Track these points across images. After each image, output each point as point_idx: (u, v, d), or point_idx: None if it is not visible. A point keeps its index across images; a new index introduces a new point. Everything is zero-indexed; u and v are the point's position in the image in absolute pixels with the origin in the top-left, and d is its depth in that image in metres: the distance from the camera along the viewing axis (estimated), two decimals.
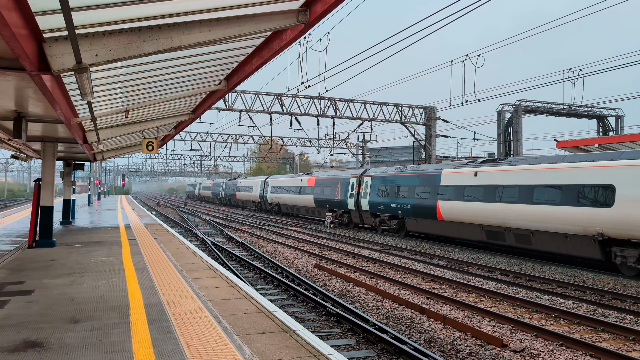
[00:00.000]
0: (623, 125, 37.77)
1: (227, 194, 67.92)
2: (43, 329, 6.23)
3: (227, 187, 68.25)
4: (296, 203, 42.06)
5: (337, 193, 34.05)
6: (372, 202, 29.57)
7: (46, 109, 9.35)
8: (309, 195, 38.75)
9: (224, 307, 7.47)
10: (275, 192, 46.86)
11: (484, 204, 20.81)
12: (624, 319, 11.02)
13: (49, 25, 5.50)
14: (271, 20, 6.64)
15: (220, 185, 73.25)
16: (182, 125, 18.49)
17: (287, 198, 43.99)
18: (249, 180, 58.56)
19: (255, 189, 53.83)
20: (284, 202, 45.29)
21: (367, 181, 30.42)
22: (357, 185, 31.57)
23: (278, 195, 46.24)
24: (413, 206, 25.29)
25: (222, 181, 73.72)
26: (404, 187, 26.49)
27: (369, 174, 30.89)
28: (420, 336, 9.53)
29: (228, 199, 68.83)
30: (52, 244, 14.52)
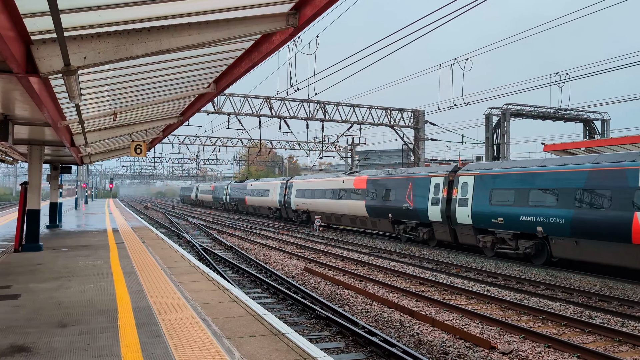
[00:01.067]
0: (609, 128, 38.17)
1: (234, 199, 59.18)
2: (30, 334, 6.17)
3: (234, 190, 59.32)
4: (336, 211, 32.93)
5: (407, 198, 25.35)
6: (479, 213, 20.66)
7: (33, 112, 9.27)
8: (357, 200, 30.04)
9: (213, 310, 7.44)
10: (304, 196, 37.92)
11: None
12: (611, 320, 11.13)
13: (37, 27, 5.46)
14: (261, 23, 6.64)
15: (225, 189, 64.23)
16: (170, 128, 18.43)
17: (322, 204, 34.75)
18: (263, 183, 49.26)
19: (273, 192, 45.01)
20: (316, 210, 35.87)
21: (467, 181, 21.54)
22: (444, 187, 22.92)
23: (307, 200, 37.14)
24: (574, 220, 16.78)
25: (226, 184, 64.46)
26: (554, 189, 17.78)
27: (468, 170, 21.98)
28: (409, 339, 9.56)
29: (234, 205, 60.11)
30: (39, 247, 14.39)
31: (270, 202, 46.04)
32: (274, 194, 44.71)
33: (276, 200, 44.03)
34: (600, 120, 38.28)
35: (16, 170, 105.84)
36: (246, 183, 55.08)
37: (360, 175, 31.12)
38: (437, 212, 23.11)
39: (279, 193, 43.45)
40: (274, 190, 44.88)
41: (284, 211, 42.56)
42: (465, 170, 22.16)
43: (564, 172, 17.65)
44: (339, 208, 32.58)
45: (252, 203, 51.86)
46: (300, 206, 38.87)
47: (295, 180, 41.16)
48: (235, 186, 59.66)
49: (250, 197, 51.93)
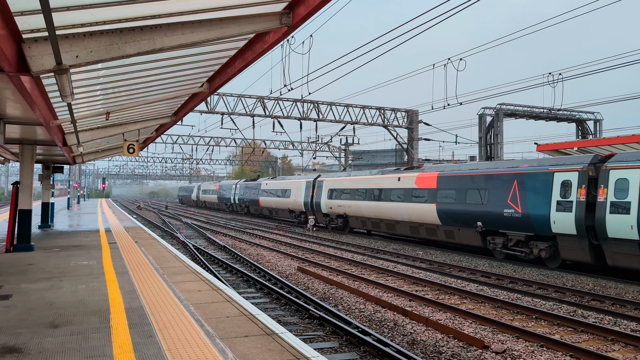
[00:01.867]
0: (601, 128, 38.39)
1: (244, 200, 52.54)
2: (21, 334, 6.12)
3: (244, 190, 52.68)
4: (388, 216, 26.57)
5: (510, 200, 19.07)
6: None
7: (25, 111, 9.21)
8: (422, 203, 23.55)
9: (206, 310, 7.41)
10: (340, 197, 31.77)
11: None
12: (603, 319, 11.18)
13: (29, 25, 5.42)
14: (254, 22, 6.62)
15: (233, 189, 57.53)
16: (163, 127, 18.36)
17: (367, 208, 28.49)
18: (282, 182, 42.62)
19: (296, 192, 38.40)
20: (358, 214, 29.81)
21: (629, 177, 15.43)
22: (580, 186, 16.73)
23: (345, 202, 31.06)
24: None
25: (234, 183, 58.16)
26: None
27: (628, 161, 15.76)
28: (403, 338, 9.56)
29: (245, 206, 53.45)
30: (31, 248, 14.29)
31: (291, 204, 39.34)
32: (296, 195, 38.16)
33: (300, 201, 37.48)
34: (593, 121, 38.49)
35: (8, 170, 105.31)
36: (260, 182, 48.30)
37: (425, 171, 24.73)
38: (566, 221, 16.77)
39: (303, 193, 37.00)
40: (297, 190, 38.18)
41: (311, 215, 35.60)
42: (620, 162, 15.82)
43: None
44: (392, 212, 25.95)
45: (268, 205, 45.41)
46: (334, 209, 32.52)
47: (326, 178, 34.67)
48: (245, 185, 53.01)
49: (266, 197, 45.50)
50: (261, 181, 48.28)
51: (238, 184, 55.95)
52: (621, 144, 22.43)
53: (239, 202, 54.90)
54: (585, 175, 16.64)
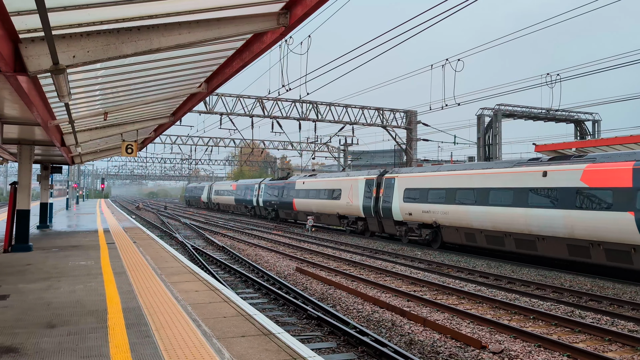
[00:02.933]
0: (600, 129, 38.43)
1: (271, 202, 44.27)
2: (18, 334, 6.12)
3: (272, 191, 44.42)
4: (523, 228, 18.72)
5: None
6: None
7: (22, 111, 9.21)
8: (599, 211, 16.13)
9: (204, 310, 7.41)
10: (425, 199, 23.79)
11: None
12: (601, 319, 11.19)
13: (25, 25, 5.42)
14: (251, 22, 6.63)
15: (255, 189, 49.49)
16: (162, 128, 18.36)
17: (479, 215, 20.66)
18: (329, 180, 34.35)
19: (350, 194, 30.76)
20: (460, 224, 21.66)
21: None
22: None
23: (434, 207, 23.03)
24: None
25: (257, 182, 49.60)
26: None
27: None
28: (400, 338, 9.57)
29: (272, 210, 44.91)
30: (29, 248, 14.29)
31: (343, 208, 31.56)
32: (350, 196, 30.49)
33: (357, 204, 29.81)
34: (591, 121, 38.53)
35: (6, 170, 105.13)
36: (293, 180, 40.46)
37: (599, 161, 16.78)
38: None
39: (361, 194, 29.47)
40: (352, 190, 30.52)
41: (375, 222, 28.44)
42: None
43: None
44: (531, 223, 18.31)
45: (307, 208, 36.89)
46: (416, 216, 24.30)
47: (399, 174, 26.54)
48: (273, 185, 44.54)
49: (303, 200, 37.36)
50: (295, 179, 40.16)
51: (263, 184, 47.52)
52: (619, 145, 22.46)
53: (265, 205, 46.26)
54: None
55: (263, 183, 47.73)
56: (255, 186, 49.54)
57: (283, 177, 47.04)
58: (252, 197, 50.03)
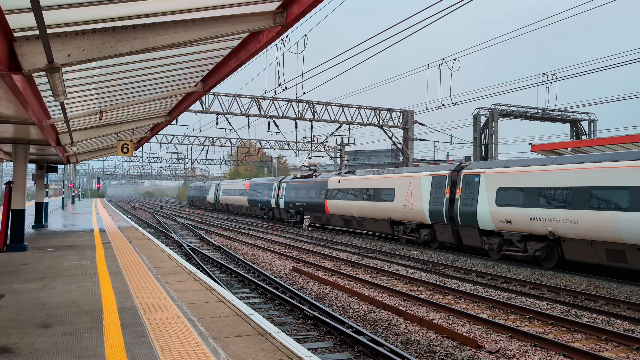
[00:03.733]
0: (596, 129, 38.56)
1: (296, 204, 37.71)
2: (13, 334, 6.09)
3: (297, 191, 37.86)
4: None
5: None
6: None
7: (17, 110, 9.16)
8: None
9: (200, 310, 7.39)
10: (534, 202, 18.14)
11: None
12: (596, 319, 11.21)
13: (20, 24, 5.39)
14: (248, 21, 6.61)
15: (274, 189, 42.90)
16: (158, 127, 18.32)
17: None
18: (377, 178, 27.92)
19: (409, 194, 24.71)
20: (595, 236, 15.98)
21: None
22: None
23: (557, 213, 17.22)
24: None
25: (277, 181, 43.10)
26: None
27: None
28: (397, 338, 9.56)
29: (297, 213, 38.18)
30: (24, 248, 14.23)
31: (398, 212, 25.40)
32: (410, 197, 24.41)
33: (421, 208, 23.62)
34: (587, 121, 38.65)
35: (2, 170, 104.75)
36: (325, 178, 34.02)
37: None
38: None
39: (427, 195, 23.37)
40: (412, 189, 24.34)
41: (447, 231, 22.49)
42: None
43: None
44: None
45: (344, 211, 30.82)
46: (517, 225, 18.69)
47: (489, 170, 20.44)
48: (298, 184, 38.07)
49: (340, 202, 31.06)
50: (327, 177, 34.02)
51: (284, 182, 41.02)
52: (615, 144, 22.52)
53: (287, 206, 39.64)
54: None
55: (284, 182, 41.03)
56: (274, 185, 42.77)
57: (308, 174, 40.62)
58: (270, 197, 43.20)
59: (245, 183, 51.00)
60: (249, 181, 50.44)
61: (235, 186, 55.05)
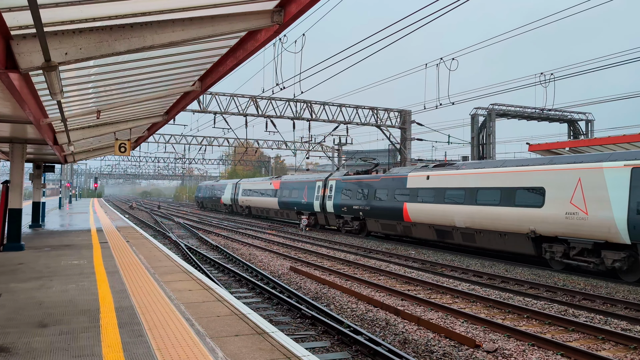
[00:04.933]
0: (593, 129, 38.63)
1: (353, 208, 29.72)
2: (9, 334, 6.07)
3: (355, 191, 29.88)
4: None
5: None
6: None
7: (14, 109, 9.13)
8: None
9: (197, 310, 7.38)
10: None
11: None
12: (594, 318, 11.22)
13: (17, 22, 5.37)
14: (245, 20, 6.59)
15: (317, 188, 34.56)
16: (155, 127, 18.28)
17: None
18: (503, 172, 19.62)
19: (573, 197, 16.62)
20: None
21: None
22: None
23: None
24: None
25: (321, 178, 34.72)
26: None
27: None
28: (394, 337, 9.56)
29: (356, 218, 30.17)
30: (21, 247, 14.19)
31: (552, 224, 17.42)
32: (577, 201, 16.66)
33: (606, 218, 15.71)
34: (585, 121, 38.72)
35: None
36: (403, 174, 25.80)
37: None
38: None
39: (625, 197, 15.36)
40: (589, 187, 16.41)
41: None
42: None
43: None
44: None
45: (438, 219, 22.72)
46: None
47: None
48: (356, 181, 30.02)
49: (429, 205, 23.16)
50: (406, 172, 25.78)
51: (332, 180, 32.69)
52: (612, 144, 22.56)
53: (338, 211, 31.26)
54: None
55: (332, 179, 32.80)
56: (317, 184, 34.26)
57: (366, 169, 32.92)
58: (312, 199, 34.73)
59: (274, 181, 43.12)
60: (278, 179, 42.76)
61: (260, 185, 46.61)
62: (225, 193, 57.27)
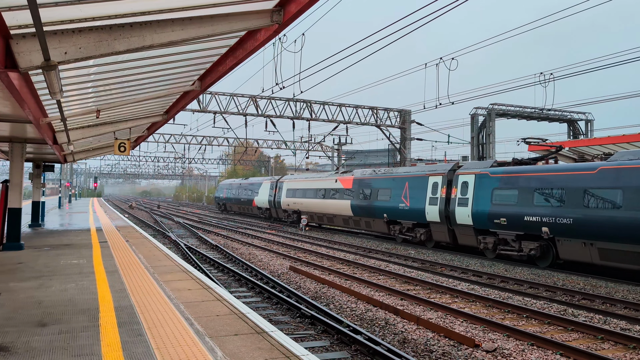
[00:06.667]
0: (592, 128, 38.62)
1: (525, 219, 18.02)
2: (8, 333, 6.07)
3: (525, 192, 18.30)
4: None
5: None
6: None
7: (14, 108, 9.13)
8: None
9: (196, 309, 7.38)
10: None
11: None
12: (593, 318, 11.23)
13: (16, 21, 5.37)
14: (245, 20, 6.60)
15: (427, 186, 23.67)
16: (155, 126, 18.28)
17: None
18: None
19: None
20: None
21: None
22: None
23: None
24: None
25: (437, 171, 23.47)
26: None
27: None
28: (394, 337, 9.56)
29: (541, 236, 17.68)
30: (20, 247, 14.19)
31: None
32: None
33: None
34: (584, 121, 38.71)
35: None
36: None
37: None
38: None
39: None
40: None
41: None
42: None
43: None
44: None
45: None
46: None
47: None
48: (531, 179, 18.38)
49: None
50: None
51: (466, 174, 21.47)
52: (612, 144, 22.55)
53: (487, 223, 19.95)
54: None
55: (468, 172, 21.23)
56: (433, 181, 23.21)
57: (544, 154, 21.97)
58: (423, 202, 23.60)
59: (341, 178, 31.88)
60: (349, 175, 31.45)
61: (317, 183, 35.37)
62: (260, 194, 46.01)
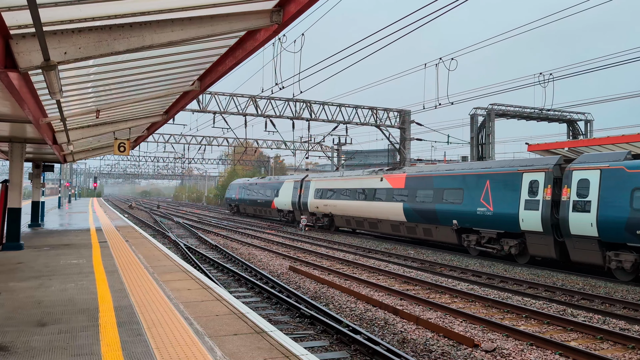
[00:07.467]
0: (592, 129, 38.63)
1: None
2: (8, 333, 6.07)
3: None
4: None
5: None
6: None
7: (13, 108, 9.13)
8: None
9: (196, 309, 7.38)
10: None
11: None
12: (592, 318, 11.24)
13: (16, 21, 5.37)
14: (244, 20, 6.60)
15: (525, 186, 18.19)
16: (154, 126, 18.28)
17: None
18: None
19: None
20: None
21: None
22: None
23: None
24: None
25: (543, 166, 17.78)
26: None
27: None
28: (393, 337, 9.57)
29: None
30: (20, 246, 14.19)
31: None
32: None
33: None
34: (584, 121, 38.72)
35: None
36: None
37: None
38: None
39: None
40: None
41: None
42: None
43: None
44: None
45: None
46: None
47: None
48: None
49: None
50: None
51: (608, 166, 15.61)
52: (611, 144, 22.56)
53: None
54: None
55: (595, 167, 16.09)
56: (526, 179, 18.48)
57: None
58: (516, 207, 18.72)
59: (390, 176, 26.98)
60: (399, 172, 26.62)
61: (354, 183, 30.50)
62: (282, 194, 40.91)
